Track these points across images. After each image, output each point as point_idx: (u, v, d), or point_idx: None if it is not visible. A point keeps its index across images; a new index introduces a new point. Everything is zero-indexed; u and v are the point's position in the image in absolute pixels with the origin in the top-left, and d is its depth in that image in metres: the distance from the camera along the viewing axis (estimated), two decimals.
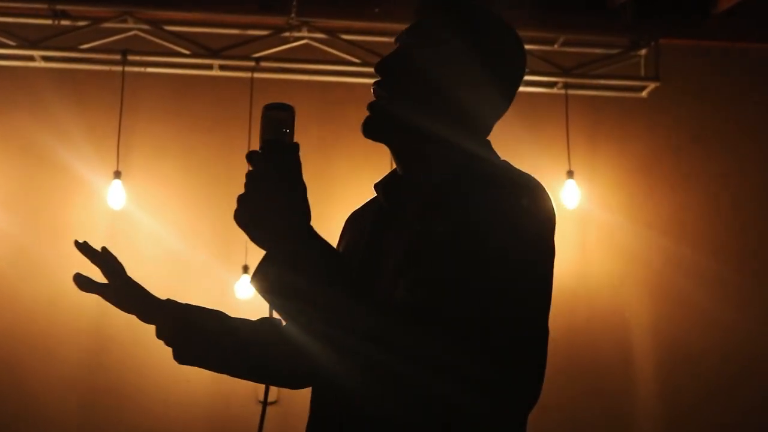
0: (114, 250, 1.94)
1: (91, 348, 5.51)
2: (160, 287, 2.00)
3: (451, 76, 1.72)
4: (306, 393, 1.86)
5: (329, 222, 1.93)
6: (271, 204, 1.49)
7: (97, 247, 1.92)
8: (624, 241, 5.89)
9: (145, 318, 1.91)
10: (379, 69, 1.76)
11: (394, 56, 1.76)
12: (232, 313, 1.98)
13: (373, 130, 1.74)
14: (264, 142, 1.54)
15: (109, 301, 1.92)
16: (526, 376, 1.65)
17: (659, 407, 5.79)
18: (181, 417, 5.46)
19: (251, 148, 1.53)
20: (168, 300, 1.92)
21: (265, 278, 1.53)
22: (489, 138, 1.82)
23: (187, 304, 1.92)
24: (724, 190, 6.07)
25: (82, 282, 1.90)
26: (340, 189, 5.45)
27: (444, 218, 1.57)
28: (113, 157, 5.45)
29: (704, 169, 6.08)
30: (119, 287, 1.91)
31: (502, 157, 1.77)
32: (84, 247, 1.91)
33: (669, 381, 5.82)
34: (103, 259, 1.92)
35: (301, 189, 1.52)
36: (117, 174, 5.39)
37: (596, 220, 5.90)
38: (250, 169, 1.51)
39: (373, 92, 1.75)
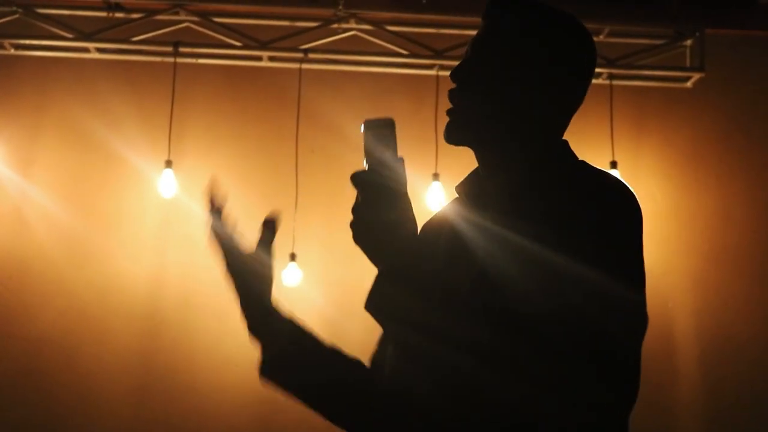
0: (166, 238, 1.96)
1: (143, 333, 5.63)
2: (211, 276, 1.98)
3: (521, 79, 1.76)
4: None
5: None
6: (373, 224, 1.56)
7: (150, 233, 1.93)
8: (668, 231, 5.87)
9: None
10: (453, 77, 1.79)
11: (466, 63, 1.79)
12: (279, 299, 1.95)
13: (452, 136, 1.79)
14: (368, 160, 1.58)
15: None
16: (620, 384, 1.59)
17: (701, 399, 5.77)
18: (230, 400, 5.57)
19: (298, 138, 1.59)
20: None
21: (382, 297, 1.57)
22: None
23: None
24: None
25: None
26: None
27: (526, 222, 1.63)
28: (165, 146, 5.55)
29: (750, 159, 6.05)
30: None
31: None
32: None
33: (711, 373, 5.79)
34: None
35: (406, 204, 1.58)
36: (168, 163, 5.47)
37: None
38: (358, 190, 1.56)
39: (449, 99, 1.80)
